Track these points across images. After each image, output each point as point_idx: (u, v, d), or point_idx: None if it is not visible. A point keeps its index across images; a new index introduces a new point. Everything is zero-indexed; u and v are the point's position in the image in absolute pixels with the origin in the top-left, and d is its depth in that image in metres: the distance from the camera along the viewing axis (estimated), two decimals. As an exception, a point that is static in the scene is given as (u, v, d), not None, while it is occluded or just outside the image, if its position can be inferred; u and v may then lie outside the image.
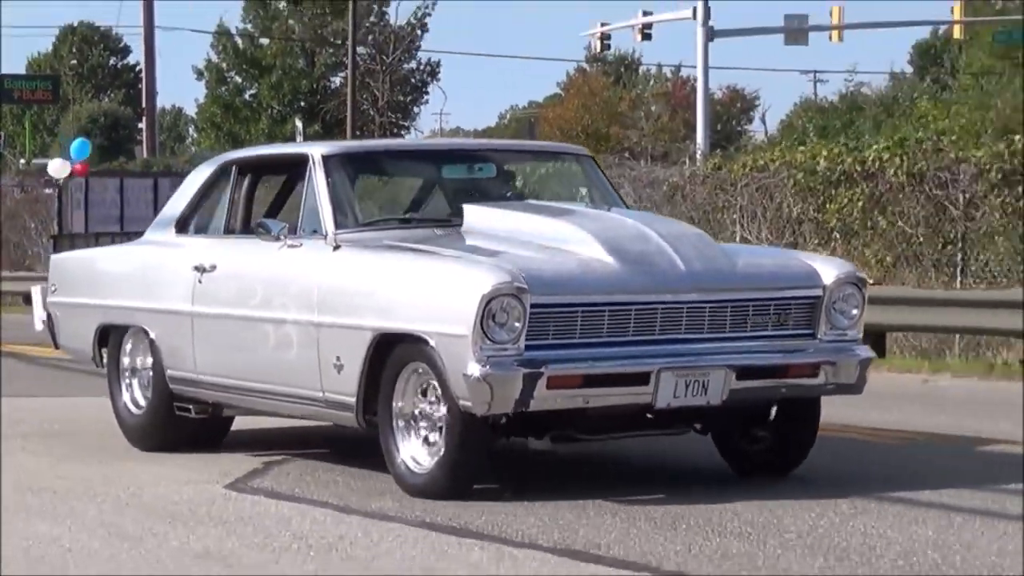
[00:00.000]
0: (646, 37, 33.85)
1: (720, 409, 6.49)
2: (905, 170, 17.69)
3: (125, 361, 8.52)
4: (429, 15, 50.51)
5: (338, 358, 6.62)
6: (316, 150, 7.58)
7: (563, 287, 6.21)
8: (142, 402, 8.39)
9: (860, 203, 18.15)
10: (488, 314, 5.86)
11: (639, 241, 6.59)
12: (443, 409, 6.23)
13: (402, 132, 51.42)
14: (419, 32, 50.81)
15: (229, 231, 8.01)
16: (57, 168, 26.25)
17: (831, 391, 6.81)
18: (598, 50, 44.34)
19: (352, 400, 6.58)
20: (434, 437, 6.36)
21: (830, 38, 32.19)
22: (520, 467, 7.23)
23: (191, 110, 61.28)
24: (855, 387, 6.82)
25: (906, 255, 17.92)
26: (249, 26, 52.02)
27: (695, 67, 32.89)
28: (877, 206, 18.12)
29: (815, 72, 61.85)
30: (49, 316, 9.11)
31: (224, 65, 53.75)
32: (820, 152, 19.60)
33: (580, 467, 7.57)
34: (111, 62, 64.23)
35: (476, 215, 7.14)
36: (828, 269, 6.85)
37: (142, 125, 49.43)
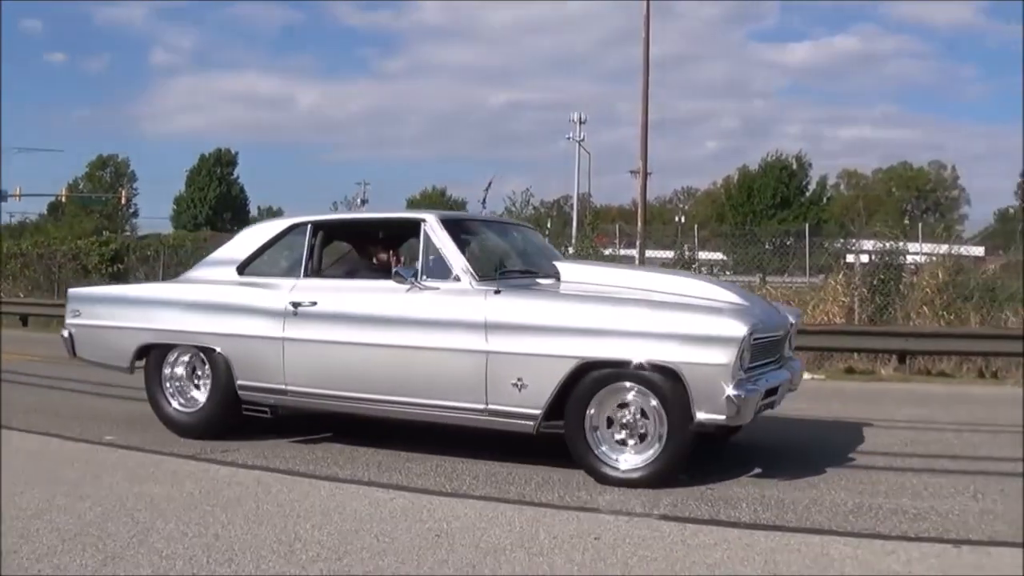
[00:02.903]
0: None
1: None
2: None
3: (167, 372, 9.81)
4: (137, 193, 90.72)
5: (519, 379, 7.92)
6: (430, 216, 8.92)
7: (762, 328, 7.91)
8: (190, 405, 9.70)
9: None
10: (742, 349, 7.39)
11: (748, 293, 9.15)
12: (653, 420, 7.67)
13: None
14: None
15: (308, 275, 9.33)
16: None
17: None
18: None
19: (536, 412, 7.90)
20: (635, 441, 7.76)
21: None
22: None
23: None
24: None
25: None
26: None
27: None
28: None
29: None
30: (70, 335, 10.42)
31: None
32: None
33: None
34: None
35: (567, 269, 8.87)
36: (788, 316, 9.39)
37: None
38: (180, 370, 9.81)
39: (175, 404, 9.75)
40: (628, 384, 7.77)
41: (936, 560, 5.80)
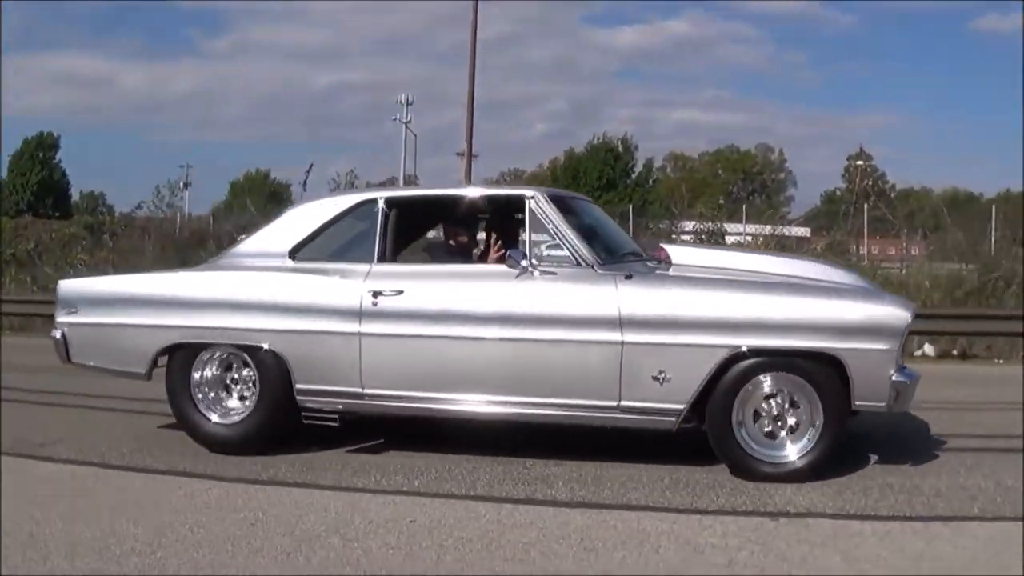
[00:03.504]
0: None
1: None
2: None
3: (196, 376, 8.41)
4: None
5: (662, 372, 7.32)
6: (538, 191, 8.17)
7: None
8: (228, 415, 8.37)
9: None
10: (904, 336, 7.32)
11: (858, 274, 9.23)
12: (806, 410, 7.35)
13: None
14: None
15: (383, 259, 8.21)
16: None
17: None
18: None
19: (679, 407, 7.35)
20: (786, 433, 7.43)
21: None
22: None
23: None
24: None
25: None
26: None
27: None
28: None
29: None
30: (63, 336, 8.84)
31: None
32: None
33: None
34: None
35: (677, 252, 8.77)
36: None
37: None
38: (212, 374, 8.46)
39: (213, 416, 8.38)
40: (780, 374, 7.43)
41: (753, 533, 5.94)
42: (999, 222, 24.01)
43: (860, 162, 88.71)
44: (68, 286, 9.13)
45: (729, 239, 23.83)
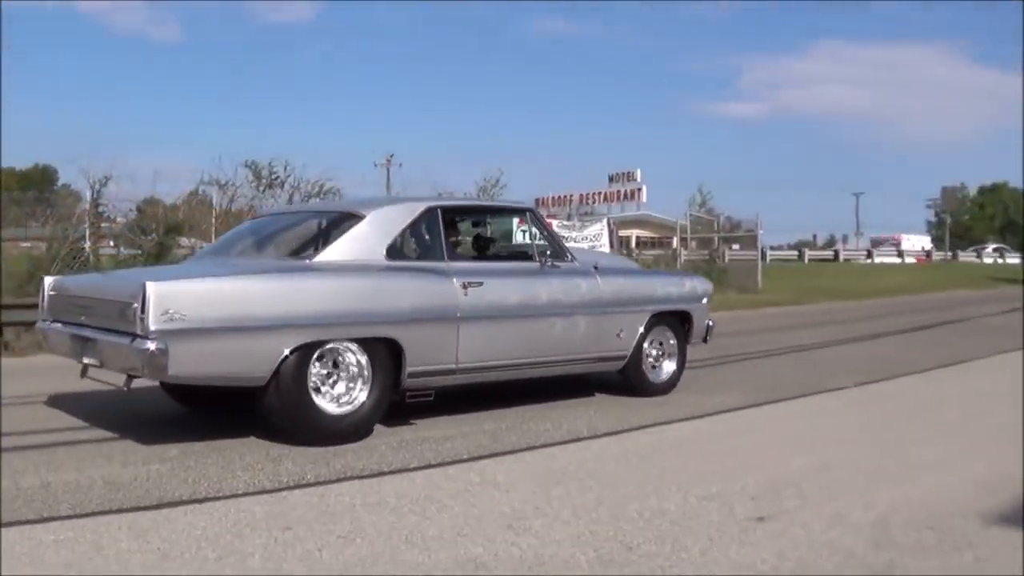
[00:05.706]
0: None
1: None
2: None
3: (313, 373, 8.40)
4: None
5: (621, 330, 10.75)
6: (531, 206, 11.91)
7: None
8: (343, 406, 8.57)
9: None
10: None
11: None
12: (666, 347, 11.48)
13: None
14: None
15: (451, 258, 9.60)
16: None
17: None
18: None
19: (627, 352, 10.91)
20: (663, 361, 11.45)
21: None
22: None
23: None
24: None
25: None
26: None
27: None
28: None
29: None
30: (166, 348, 7.48)
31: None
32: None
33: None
34: None
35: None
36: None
37: None
38: (326, 370, 8.53)
39: (331, 409, 8.51)
40: (661, 325, 11.29)
41: None
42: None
43: None
44: (167, 288, 7.73)
45: None
